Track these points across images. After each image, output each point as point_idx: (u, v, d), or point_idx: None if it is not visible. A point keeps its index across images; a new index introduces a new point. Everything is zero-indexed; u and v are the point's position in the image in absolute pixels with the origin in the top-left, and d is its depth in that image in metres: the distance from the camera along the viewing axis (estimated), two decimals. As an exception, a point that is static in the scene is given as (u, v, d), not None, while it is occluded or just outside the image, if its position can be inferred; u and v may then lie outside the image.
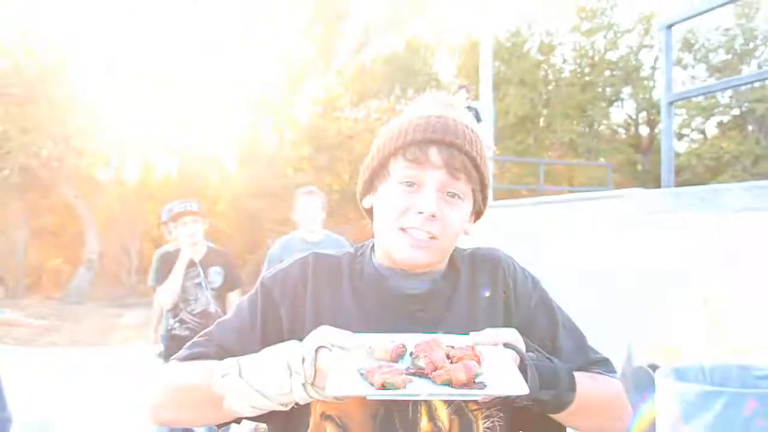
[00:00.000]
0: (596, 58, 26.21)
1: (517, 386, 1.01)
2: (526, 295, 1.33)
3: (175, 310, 4.43)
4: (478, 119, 10.90)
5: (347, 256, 1.35)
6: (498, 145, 21.97)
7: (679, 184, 5.76)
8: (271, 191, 21.40)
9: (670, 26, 5.80)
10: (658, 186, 5.31)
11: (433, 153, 1.21)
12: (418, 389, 1.03)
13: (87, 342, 11.73)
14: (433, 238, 1.21)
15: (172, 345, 4.37)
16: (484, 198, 1.32)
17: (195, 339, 1.29)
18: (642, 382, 4.09)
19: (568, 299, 1.56)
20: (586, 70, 26.42)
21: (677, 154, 21.55)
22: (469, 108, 8.17)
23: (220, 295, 4.56)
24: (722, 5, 5.37)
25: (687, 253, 4.24)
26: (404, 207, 1.22)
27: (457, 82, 28.23)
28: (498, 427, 1.21)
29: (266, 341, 1.21)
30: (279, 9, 24.55)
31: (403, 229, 1.22)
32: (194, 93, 22.98)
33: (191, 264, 4.44)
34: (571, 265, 5.61)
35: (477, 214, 1.34)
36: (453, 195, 1.23)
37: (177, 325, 4.43)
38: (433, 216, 1.19)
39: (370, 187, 1.33)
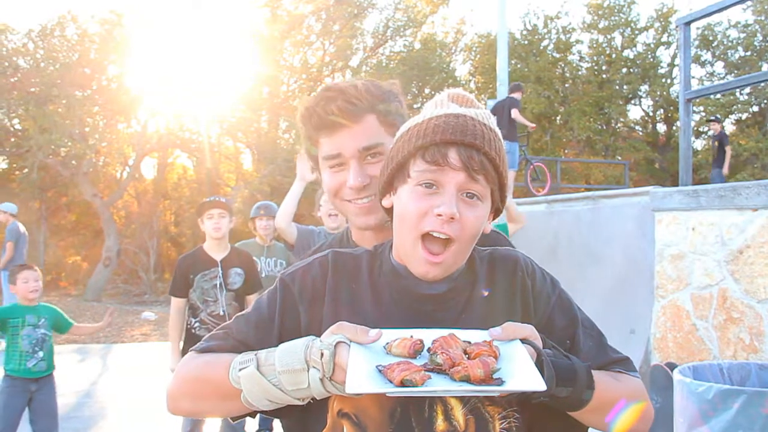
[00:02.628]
0: (613, 56, 26.04)
1: (534, 382, 1.01)
2: (545, 295, 1.32)
3: (195, 311, 4.47)
4: (517, 106, 10.95)
5: (366, 254, 1.35)
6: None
7: (696, 182, 5.71)
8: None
9: (688, 23, 5.77)
10: (676, 184, 5.28)
11: (452, 154, 1.21)
12: (437, 386, 1.03)
13: (105, 339, 11.82)
14: (450, 240, 1.21)
15: (190, 344, 4.40)
16: (502, 197, 1.31)
17: (213, 332, 1.30)
18: (659, 382, 4.07)
19: (584, 299, 1.56)
20: (603, 67, 26.27)
21: (695, 152, 21.38)
22: (513, 100, 8.11)
23: (239, 296, 4.57)
24: (741, 2, 5.32)
25: (704, 251, 4.21)
26: (424, 209, 1.21)
27: (473, 80, 28.37)
28: (514, 428, 1.20)
29: (284, 336, 1.22)
30: (297, 7, 24.63)
31: (422, 237, 1.21)
32: (211, 91, 23.09)
33: (212, 264, 4.48)
34: (588, 263, 5.58)
35: (495, 212, 1.34)
36: (472, 196, 1.23)
37: (197, 324, 4.48)
38: (452, 218, 1.18)
39: (389, 187, 1.32)
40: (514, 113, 10.85)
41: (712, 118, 14.66)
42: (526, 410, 1.21)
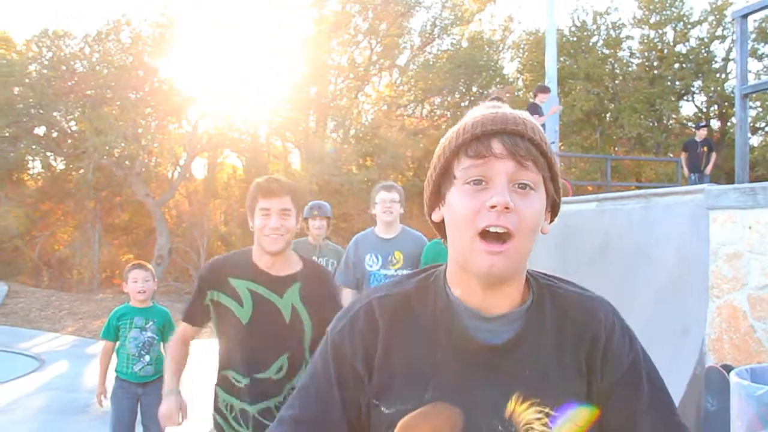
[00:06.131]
0: (665, 51, 25.51)
1: None
2: (620, 357, 1.22)
3: None
4: (537, 112, 10.83)
5: (416, 290, 1.26)
6: (564, 141, 21.69)
7: (753, 180, 5.57)
8: (335, 188, 21.60)
9: (745, 15, 5.63)
10: (731, 181, 5.15)
11: (496, 144, 1.14)
12: None
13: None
14: (508, 234, 1.12)
15: None
16: (557, 189, 1.23)
17: (281, 414, 1.25)
18: (715, 384, 3.98)
19: (635, 299, 1.52)
20: (655, 63, 25.75)
21: (751, 149, 20.82)
22: (535, 105, 8.08)
23: None
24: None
25: (762, 250, 4.10)
26: (476, 207, 1.13)
27: (521, 77, 28.13)
28: None
29: (347, 403, 1.19)
30: (344, 7, 24.76)
31: (478, 235, 1.13)
32: (260, 91, 23.37)
33: None
34: (640, 262, 5.48)
35: (553, 210, 1.26)
36: (524, 186, 1.15)
37: None
38: (507, 208, 1.11)
39: (437, 198, 1.25)
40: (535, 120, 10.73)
41: (702, 123, 14.99)
42: None
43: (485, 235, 1.12)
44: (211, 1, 23.83)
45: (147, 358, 4.45)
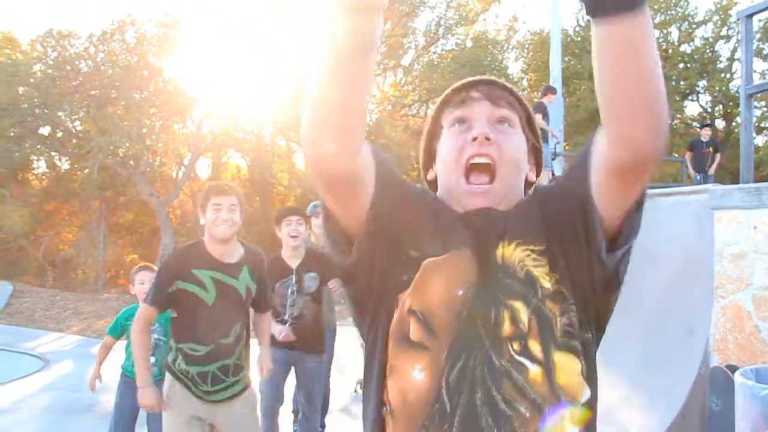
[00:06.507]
0: (670, 51, 25.46)
1: None
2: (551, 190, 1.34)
3: (278, 314, 4.62)
4: (543, 112, 10.81)
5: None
6: (568, 141, 21.64)
7: (758, 180, 5.56)
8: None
9: (750, 15, 5.62)
10: (735, 181, 5.14)
11: (474, 91, 1.33)
12: None
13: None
14: (492, 167, 1.25)
15: (275, 342, 4.59)
16: (536, 136, 1.39)
17: None
18: (719, 384, 3.97)
19: (641, 299, 1.52)
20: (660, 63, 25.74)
21: (756, 149, 20.77)
22: (542, 105, 8.12)
23: (315, 298, 4.68)
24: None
25: (767, 251, 4.09)
26: (460, 143, 1.29)
27: (525, 77, 28.09)
28: (575, 321, 1.18)
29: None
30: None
31: (465, 173, 1.26)
32: (264, 92, 23.40)
33: (287, 272, 4.57)
34: (645, 262, 5.47)
35: (536, 159, 1.41)
36: (503, 122, 1.31)
37: (282, 325, 4.63)
38: (487, 139, 1.26)
39: (429, 157, 1.42)
40: (538, 119, 10.72)
41: (706, 123, 15.06)
42: (579, 299, 1.20)
43: (471, 170, 1.26)
44: (214, 1, 23.85)
45: (152, 359, 4.45)
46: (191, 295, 3.30)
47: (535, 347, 1.15)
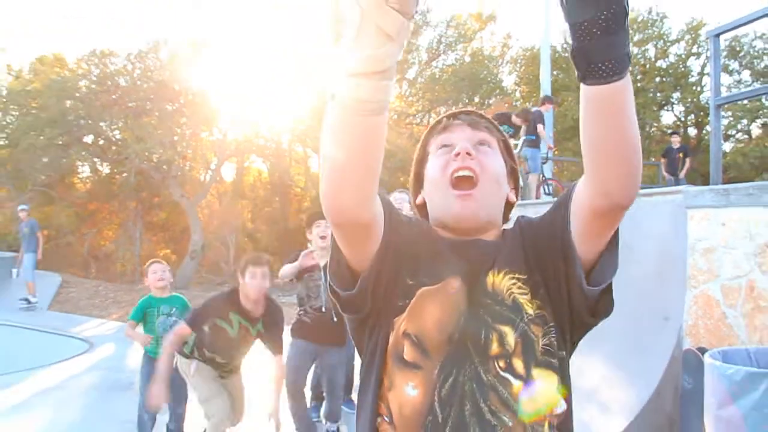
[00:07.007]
0: (647, 66, 25.36)
1: None
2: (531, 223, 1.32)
3: (302, 304, 4.70)
4: (541, 120, 10.77)
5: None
6: (557, 146, 21.60)
7: (726, 182, 5.55)
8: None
9: (718, 35, 5.62)
10: (707, 183, 5.14)
11: (456, 120, 1.36)
12: None
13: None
14: (474, 180, 1.25)
15: (297, 328, 4.69)
16: (512, 158, 1.40)
17: None
18: (691, 364, 3.98)
19: (622, 290, 1.54)
20: (638, 77, 25.60)
21: (724, 154, 20.69)
22: (529, 110, 8.14)
23: None
24: (767, 15, 5.15)
25: (734, 245, 4.10)
26: (445, 161, 1.30)
27: (518, 89, 27.98)
28: (554, 342, 1.19)
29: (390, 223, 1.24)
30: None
31: (450, 184, 1.27)
32: (283, 102, 23.42)
33: (316, 267, 4.61)
34: (626, 257, 5.48)
35: (514, 181, 1.40)
36: (482, 143, 1.33)
37: (302, 313, 4.68)
38: (469, 154, 1.27)
39: (418, 180, 1.42)
40: (539, 128, 10.67)
41: (675, 131, 15.21)
42: (560, 322, 1.21)
43: (455, 182, 1.26)
44: (239, 22, 23.90)
45: None
46: (222, 329, 4.01)
47: (518, 364, 1.16)
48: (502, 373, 1.15)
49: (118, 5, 27.81)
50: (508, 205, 1.37)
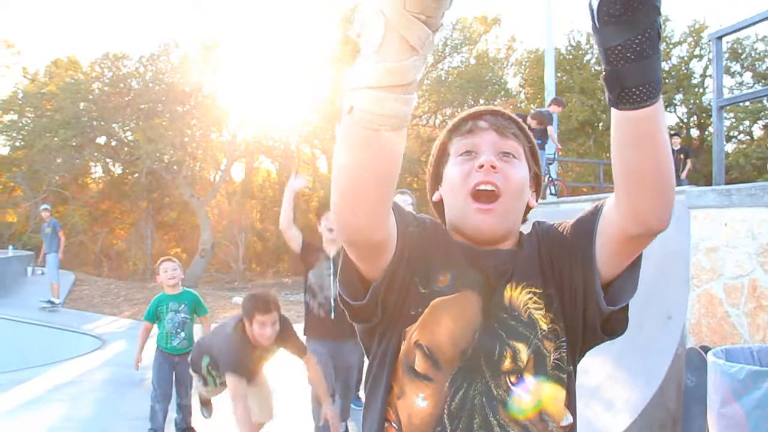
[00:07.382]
0: (650, 68, 25.29)
1: None
2: (549, 231, 1.27)
3: (314, 294, 4.55)
4: (550, 121, 10.73)
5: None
6: (562, 146, 21.60)
7: (728, 182, 5.53)
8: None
9: (720, 37, 5.58)
10: (709, 184, 5.12)
11: (481, 122, 1.24)
12: None
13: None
14: (496, 193, 1.18)
15: (310, 326, 4.58)
16: (537, 164, 1.31)
17: None
18: (694, 363, 3.97)
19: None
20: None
21: (726, 155, 20.59)
22: (542, 112, 8.02)
23: None
24: (770, 17, 5.12)
25: (736, 245, 4.08)
26: (467, 170, 1.20)
27: (523, 91, 27.94)
28: (564, 356, 1.17)
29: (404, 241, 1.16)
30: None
31: (471, 195, 1.18)
32: (292, 104, 23.45)
33: (326, 258, 4.56)
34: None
35: (536, 185, 1.31)
36: (507, 154, 1.22)
37: (316, 305, 4.58)
38: (493, 167, 1.18)
39: (435, 180, 1.32)
40: (549, 130, 10.62)
41: (675, 132, 14.97)
42: (572, 337, 1.18)
43: (477, 195, 1.18)
44: (248, 26, 23.95)
45: (182, 334, 4.82)
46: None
47: (529, 379, 1.14)
48: (512, 387, 1.13)
49: (131, 9, 27.91)
50: (527, 209, 1.32)
